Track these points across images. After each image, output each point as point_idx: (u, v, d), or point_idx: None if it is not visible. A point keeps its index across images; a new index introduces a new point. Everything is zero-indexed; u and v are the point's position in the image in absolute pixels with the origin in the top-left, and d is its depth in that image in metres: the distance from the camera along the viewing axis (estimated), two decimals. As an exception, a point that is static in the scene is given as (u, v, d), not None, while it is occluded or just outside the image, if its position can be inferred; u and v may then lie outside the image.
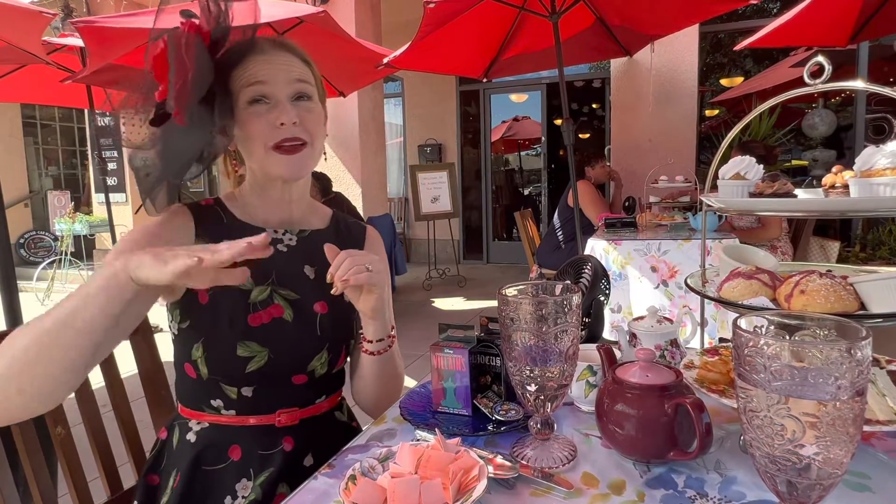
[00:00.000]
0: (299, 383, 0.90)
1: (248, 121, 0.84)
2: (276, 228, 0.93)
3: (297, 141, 0.85)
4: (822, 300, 0.82)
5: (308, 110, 0.87)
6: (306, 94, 0.87)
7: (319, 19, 3.22)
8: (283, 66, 0.85)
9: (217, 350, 0.85)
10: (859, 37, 3.62)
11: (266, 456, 0.88)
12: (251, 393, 0.87)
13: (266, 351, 0.85)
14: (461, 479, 0.64)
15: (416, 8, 3.20)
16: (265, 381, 0.87)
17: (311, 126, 0.87)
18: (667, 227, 3.41)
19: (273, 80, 0.84)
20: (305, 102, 0.87)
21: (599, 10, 3.76)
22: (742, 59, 6.29)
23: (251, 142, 0.85)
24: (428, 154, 7.38)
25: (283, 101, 0.84)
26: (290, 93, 0.85)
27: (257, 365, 0.85)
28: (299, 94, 0.86)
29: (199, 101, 0.77)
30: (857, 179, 0.94)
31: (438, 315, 4.87)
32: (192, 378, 0.87)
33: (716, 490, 0.67)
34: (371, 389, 0.98)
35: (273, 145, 0.84)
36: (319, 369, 0.91)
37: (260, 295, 0.88)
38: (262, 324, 0.86)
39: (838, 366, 0.46)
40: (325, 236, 0.97)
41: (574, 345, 0.72)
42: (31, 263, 7.20)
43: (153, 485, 0.89)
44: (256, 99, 0.84)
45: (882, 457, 0.73)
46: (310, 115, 0.87)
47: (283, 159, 0.85)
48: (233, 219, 0.91)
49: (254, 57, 0.85)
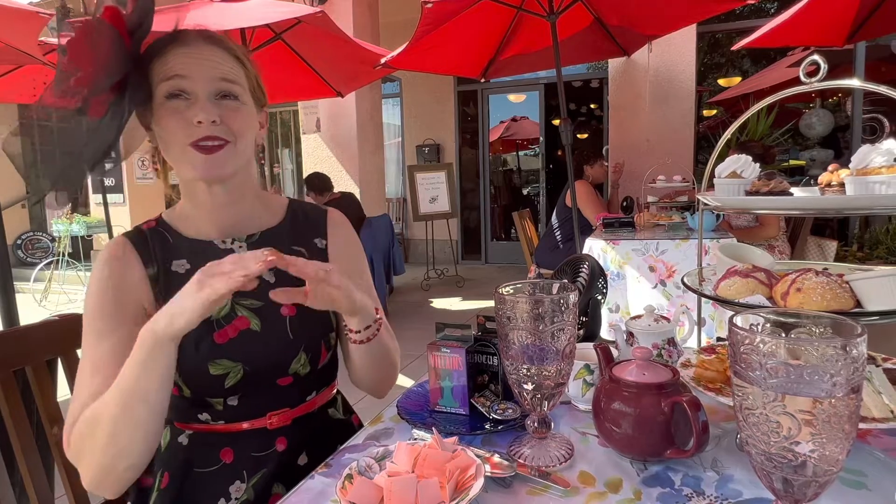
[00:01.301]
0: (285, 385, 0.88)
1: (165, 116, 0.79)
2: (223, 238, 0.89)
3: (216, 140, 0.80)
4: (818, 298, 0.82)
5: (232, 109, 0.81)
6: (232, 94, 0.82)
7: (317, 20, 3.22)
8: (206, 62, 0.80)
9: (190, 373, 0.83)
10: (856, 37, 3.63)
11: (259, 457, 0.87)
12: (237, 402, 0.85)
13: (239, 365, 0.83)
14: (458, 477, 0.64)
15: (414, 8, 3.20)
16: (248, 391, 0.85)
17: (234, 124, 0.81)
18: (665, 227, 3.41)
19: (193, 75, 0.79)
20: (230, 101, 0.81)
21: (597, 10, 3.77)
22: (739, 59, 6.31)
23: (168, 138, 0.80)
24: (426, 154, 7.38)
25: (203, 98, 0.79)
26: (211, 90, 0.80)
27: (234, 380, 0.83)
28: (223, 92, 0.81)
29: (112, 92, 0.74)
30: (853, 178, 0.94)
31: (437, 315, 4.86)
32: (177, 395, 0.85)
33: (712, 488, 0.67)
34: (368, 374, 0.94)
35: (190, 143, 0.79)
36: (301, 370, 0.89)
37: (221, 311, 0.85)
38: (229, 339, 0.84)
39: (834, 363, 0.46)
40: (279, 233, 0.93)
41: (571, 343, 0.72)
42: (29, 264, 7.19)
43: (146, 486, 0.88)
44: (174, 94, 0.79)
45: (878, 454, 0.73)
46: (235, 113, 0.81)
47: (198, 157, 0.79)
48: (178, 237, 0.88)
49: (175, 49, 0.80)
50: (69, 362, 1.00)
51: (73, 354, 1.00)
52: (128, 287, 0.83)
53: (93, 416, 0.73)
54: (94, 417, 0.72)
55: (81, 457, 0.74)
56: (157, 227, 0.89)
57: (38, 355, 0.95)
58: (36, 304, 5.71)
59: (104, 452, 0.72)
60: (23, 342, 0.94)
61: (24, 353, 0.94)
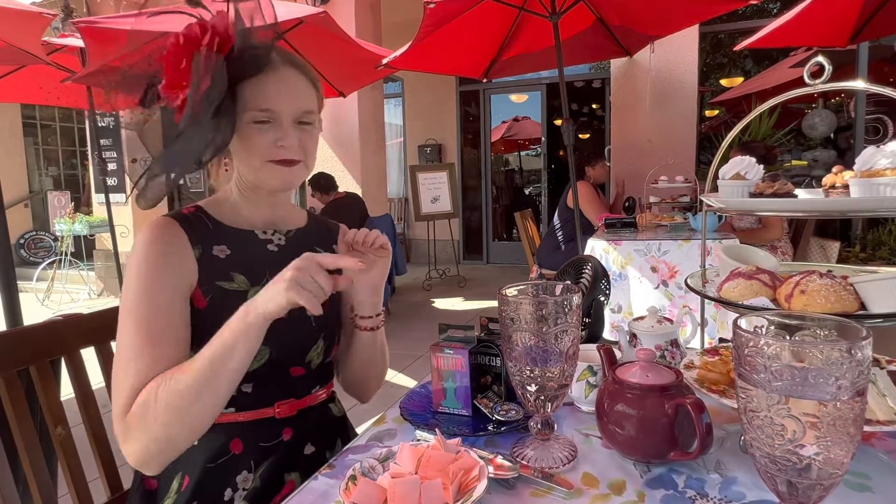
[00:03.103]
0: (297, 375, 0.92)
1: (251, 136, 0.85)
2: (264, 230, 0.95)
3: (293, 161, 0.87)
4: (822, 300, 0.82)
5: (308, 133, 0.89)
6: (309, 119, 0.89)
7: (319, 20, 3.22)
8: (292, 90, 0.87)
9: None
10: (859, 37, 3.62)
11: (266, 447, 0.89)
12: (251, 389, 0.88)
13: (267, 349, 0.86)
14: (461, 479, 0.64)
15: (416, 8, 3.20)
16: (265, 377, 0.88)
17: (308, 147, 0.90)
18: (667, 228, 3.41)
19: (281, 103, 0.85)
20: (307, 126, 0.89)
21: (599, 10, 3.76)
22: (742, 59, 6.29)
23: (249, 153, 0.86)
24: (428, 154, 7.38)
25: (287, 124, 0.86)
26: (295, 116, 0.87)
27: (259, 363, 0.86)
28: (303, 118, 0.88)
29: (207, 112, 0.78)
30: (857, 179, 0.94)
31: (438, 315, 4.86)
32: None
33: (716, 490, 0.67)
34: (365, 368, 1.02)
35: (270, 160, 0.86)
36: (316, 359, 0.94)
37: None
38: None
39: (839, 366, 0.46)
40: (308, 234, 1.01)
41: (574, 345, 0.72)
42: (32, 264, 7.19)
43: (151, 489, 0.88)
44: (262, 120, 0.85)
45: (882, 457, 0.73)
46: (310, 137, 0.90)
47: (278, 170, 0.87)
48: (217, 224, 0.92)
49: (268, 77, 0.85)
50: (73, 362, 1.00)
51: (76, 354, 1.00)
52: (181, 263, 0.85)
53: (170, 388, 0.74)
54: (172, 388, 0.74)
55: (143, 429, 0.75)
56: (196, 212, 0.92)
57: (41, 355, 0.95)
58: (39, 304, 5.73)
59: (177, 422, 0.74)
60: (26, 342, 0.94)
61: (28, 353, 0.94)
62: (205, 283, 0.85)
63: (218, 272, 0.86)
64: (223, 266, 0.87)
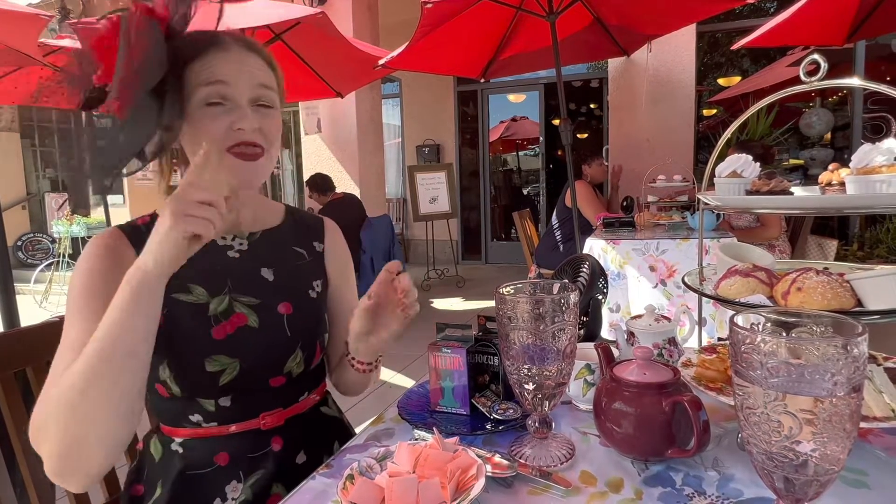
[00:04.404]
0: (278, 385, 0.87)
1: (202, 121, 0.78)
2: (224, 235, 0.89)
3: (255, 147, 0.80)
4: (818, 297, 0.82)
5: (268, 117, 0.82)
6: (268, 101, 0.82)
7: (317, 20, 3.22)
8: (247, 68, 0.80)
9: (184, 369, 0.81)
10: (856, 36, 3.63)
11: (255, 458, 0.86)
12: (230, 402, 0.84)
13: (236, 361, 0.82)
14: (459, 478, 0.64)
15: (414, 8, 3.21)
16: (242, 390, 0.84)
17: (269, 133, 0.82)
18: (665, 227, 3.41)
19: (235, 81, 0.79)
20: (266, 109, 0.82)
21: (597, 9, 3.77)
22: (739, 58, 6.30)
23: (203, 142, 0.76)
24: (426, 154, 7.38)
25: (244, 105, 0.79)
26: (251, 97, 0.80)
27: (230, 377, 0.82)
28: (261, 99, 0.81)
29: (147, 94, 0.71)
30: (853, 177, 0.94)
31: (437, 315, 4.86)
32: (166, 397, 0.83)
33: (713, 487, 0.67)
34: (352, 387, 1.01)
35: (228, 148, 0.78)
36: (296, 368, 0.88)
37: (219, 306, 0.84)
38: (227, 335, 0.83)
39: (835, 362, 0.46)
40: (279, 234, 0.94)
41: (572, 343, 0.72)
42: (29, 266, 7.19)
43: (137, 495, 0.86)
44: (215, 101, 0.78)
45: (879, 453, 0.73)
46: (271, 120, 0.82)
47: (239, 165, 0.79)
48: None
49: (216, 53, 0.78)
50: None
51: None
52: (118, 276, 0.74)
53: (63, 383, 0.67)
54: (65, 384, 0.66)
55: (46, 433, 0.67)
56: (151, 221, 0.86)
57: (38, 356, 0.95)
58: (36, 306, 5.72)
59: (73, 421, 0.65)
60: (23, 343, 0.94)
61: (25, 355, 0.94)
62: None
63: (173, 285, 0.76)
64: (179, 278, 0.74)
